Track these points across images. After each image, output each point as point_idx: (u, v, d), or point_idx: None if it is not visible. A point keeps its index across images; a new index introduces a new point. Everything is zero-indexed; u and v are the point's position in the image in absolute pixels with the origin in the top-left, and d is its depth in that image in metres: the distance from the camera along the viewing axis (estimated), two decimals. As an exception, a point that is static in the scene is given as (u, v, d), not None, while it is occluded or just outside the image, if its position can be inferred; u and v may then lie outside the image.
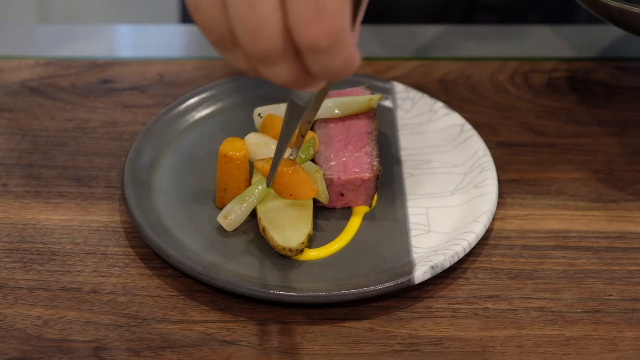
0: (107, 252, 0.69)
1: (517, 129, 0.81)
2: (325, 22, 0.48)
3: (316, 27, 0.48)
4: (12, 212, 0.71)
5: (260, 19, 0.49)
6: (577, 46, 0.91)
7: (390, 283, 0.64)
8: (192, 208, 0.71)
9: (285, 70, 0.51)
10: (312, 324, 0.64)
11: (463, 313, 0.65)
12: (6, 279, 0.66)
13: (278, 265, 0.67)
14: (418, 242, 0.69)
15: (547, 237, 0.71)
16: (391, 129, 0.79)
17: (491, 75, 0.87)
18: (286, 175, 0.66)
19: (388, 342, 0.63)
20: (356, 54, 0.50)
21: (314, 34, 0.48)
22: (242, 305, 0.65)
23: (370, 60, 0.88)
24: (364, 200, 0.71)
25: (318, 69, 0.50)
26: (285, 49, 0.50)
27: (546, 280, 0.68)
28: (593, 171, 0.77)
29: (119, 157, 0.76)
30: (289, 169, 0.66)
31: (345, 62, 0.50)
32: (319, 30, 0.48)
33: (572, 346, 0.63)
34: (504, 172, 0.76)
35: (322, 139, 0.73)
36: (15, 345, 0.62)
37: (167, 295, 0.66)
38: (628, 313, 0.66)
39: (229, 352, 0.62)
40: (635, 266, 0.69)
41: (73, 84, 0.84)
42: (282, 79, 0.51)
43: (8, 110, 0.81)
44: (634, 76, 0.87)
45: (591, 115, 0.83)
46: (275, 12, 0.48)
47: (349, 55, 0.50)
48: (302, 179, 0.67)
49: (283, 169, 0.66)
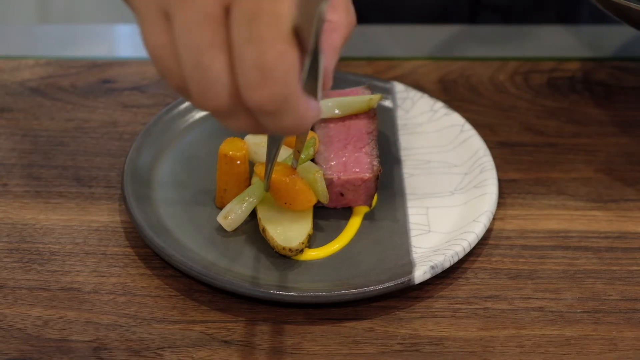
0: (107, 252, 0.69)
1: (517, 129, 0.81)
2: (270, 87, 0.48)
3: (262, 92, 0.48)
4: (12, 212, 0.71)
5: (209, 79, 0.49)
6: (577, 46, 0.91)
7: (390, 283, 0.64)
8: (192, 208, 0.71)
9: (239, 124, 0.52)
10: (312, 324, 0.64)
11: (463, 313, 0.65)
12: (6, 279, 0.66)
13: (278, 265, 0.67)
14: (418, 242, 0.69)
15: (547, 237, 0.71)
16: (391, 129, 0.79)
17: (491, 75, 0.87)
18: (283, 184, 0.66)
19: (388, 342, 0.63)
20: (308, 114, 0.50)
21: (259, 98, 0.49)
22: (242, 305, 0.65)
23: (370, 60, 0.88)
24: (364, 200, 0.71)
25: (268, 127, 0.51)
26: (236, 107, 0.50)
27: (546, 280, 0.68)
28: (593, 171, 0.77)
29: (119, 157, 0.76)
30: (286, 178, 0.66)
31: (295, 123, 0.50)
32: (265, 95, 0.48)
33: (572, 346, 0.63)
34: (504, 172, 0.76)
35: (322, 139, 0.73)
36: (15, 345, 0.62)
37: (167, 295, 0.66)
38: (628, 313, 0.66)
39: (229, 352, 0.62)
40: (635, 266, 0.69)
41: (73, 84, 0.84)
42: (238, 129, 0.52)
43: (8, 110, 0.81)
44: (634, 76, 0.87)
45: (591, 115, 0.83)
46: (224, 74, 0.49)
47: (298, 117, 0.50)
48: (299, 189, 0.67)
49: (281, 177, 0.66)
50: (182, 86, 0.51)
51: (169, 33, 0.50)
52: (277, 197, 0.67)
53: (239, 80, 0.49)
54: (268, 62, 0.47)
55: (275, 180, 0.66)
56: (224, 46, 0.48)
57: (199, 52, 0.49)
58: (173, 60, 0.50)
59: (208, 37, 0.48)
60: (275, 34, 0.47)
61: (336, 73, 0.81)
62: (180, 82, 0.51)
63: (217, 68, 0.49)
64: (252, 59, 0.48)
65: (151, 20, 0.50)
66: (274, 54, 0.47)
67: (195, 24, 0.48)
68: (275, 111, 0.49)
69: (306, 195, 0.67)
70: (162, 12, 0.50)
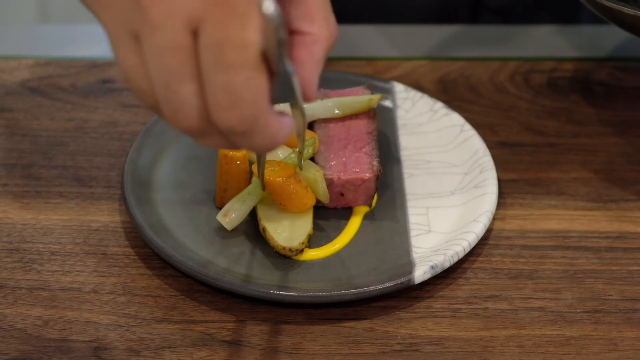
0: (107, 252, 0.69)
1: (517, 129, 0.81)
2: (239, 110, 0.49)
3: (231, 114, 0.49)
4: (12, 212, 0.71)
5: (179, 101, 0.50)
6: (577, 46, 0.91)
7: (390, 283, 0.64)
8: (192, 208, 0.71)
9: (213, 142, 0.53)
10: (312, 324, 0.64)
11: (463, 313, 0.65)
12: (6, 279, 0.66)
13: (278, 265, 0.67)
14: (418, 242, 0.69)
15: (547, 237, 0.71)
16: (391, 129, 0.79)
17: (491, 75, 0.87)
18: (277, 185, 0.66)
19: (388, 342, 0.63)
20: (279, 132, 0.51)
21: (229, 120, 0.49)
22: (242, 305, 0.65)
23: (370, 60, 0.88)
24: (364, 200, 0.71)
25: (241, 145, 0.52)
26: (208, 127, 0.51)
27: (546, 280, 0.68)
28: (593, 171, 0.77)
29: (119, 157, 0.76)
30: (281, 179, 0.66)
31: (266, 141, 0.51)
32: (234, 116, 0.49)
33: (572, 346, 0.63)
34: (504, 172, 0.76)
35: (322, 139, 0.73)
36: (15, 345, 0.62)
37: (167, 295, 0.66)
38: (628, 313, 0.66)
39: (229, 352, 0.62)
40: (635, 266, 0.69)
41: (73, 84, 0.84)
42: (212, 147, 0.53)
43: (8, 110, 0.81)
44: (634, 76, 0.87)
45: (591, 115, 0.83)
46: (194, 97, 0.50)
47: (269, 136, 0.51)
48: (293, 191, 0.67)
49: (275, 178, 0.66)
50: (155, 106, 0.52)
51: (139, 54, 0.50)
52: (273, 197, 0.67)
53: (209, 103, 0.49)
54: (236, 86, 0.48)
55: (270, 181, 0.66)
56: (193, 70, 0.49)
57: (168, 76, 0.49)
58: (145, 81, 0.51)
59: (176, 63, 0.49)
60: (243, 60, 0.48)
61: (336, 73, 0.82)
62: (153, 102, 0.51)
63: (186, 92, 0.49)
64: (221, 83, 0.48)
65: (121, 41, 0.51)
66: (242, 79, 0.48)
67: (163, 50, 0.48)
68: (246, 132, 0.50)
69: (301, 198, 0.67)
70: (131, 33, 0.50)
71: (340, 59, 0.88)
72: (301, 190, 0.67)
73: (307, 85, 0.54)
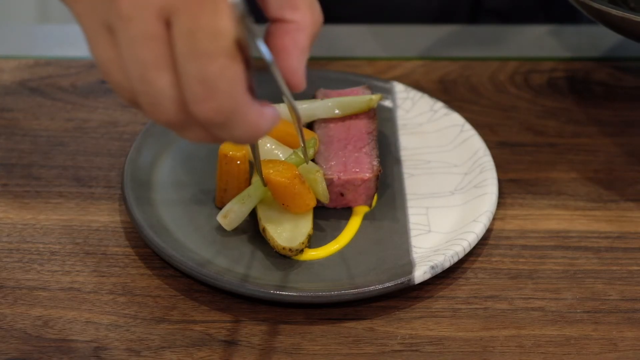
0: (107, 252, 0.69)
1: (517, 129, 0.81)
2: (216, 100, 0.48)
3: (208, 105, 0.49)
4: (12, 212, 0.71)
5: (155, 94, 0.49)
6: (577, 46, 0.91)
7: (390, 283, 0.64)
8: (192, 208, 0.71)
9: (194, 135, 0.52)
10: (312, 324, 0.64)
11: (463, 313, 0.65)
12: (6, 279, 0.66)
13: (278, 265, 0.67)
14: (418, 242, 0.69)
15: (547, 237, 0.71)
16: (391, 129, 0.79)
17: (491, 75, 0.87)
18: (282, 185, 0.66)
19: (388, 342, 0.63)
20: (261, 122, 0.50)
21: (206, 111, 0.49)
22: (242, 305, 0.65)
23: (370, 60, 0.88)
24: (364, 200, 0.71)
25: (222, 137, 0.51)
26: (187, 120, 0.50)
27: (546, 280, 0.68)
28: (593, 171, 0.77)
29: (119, 157, 0.76)
30: (286, 179, 0.66)
31: (247, 133, 0.50)
32: (211, 107, 0.49)
33: (572, 346, 0.63)
34: (504, 172, 0.76)
35: (322, 139, 0.73)
36: (15, 345, 0.62)
37: (167, 295, 0.66)
38: (628, 313, 0.66)
39: (229, 352, 0.62)
40: (635, 266, 0.69)
41: (73, 84, 0.84)
42: (194, 140, 0.53)
43: (8, 110, 0.81)
44: (634, 76, 0.87)
45: (591, 115, 0.83)
46: (171, 88, 0.49)
47: (249, 127, 0.50)
48: (298, 192, 0.67)
49: (280, 179, 0.66)
50: (133, 100, 0.51)
51: (115, 48, 0.50)
52: (276, 197, 0.67)
53: (185, 94, 0.49)
54: (211, 75, 0.48)
55: (275, 181, 0.66)
56: (168, 61, 0.49)
57: (144, 68, 0.49)
58: (121, 75, 0.50)
59: (151, 54, 0.48)
60: (216, 48, 0.47)
61: (336, 73, 0.82)
62: (131, 96, 0.51)
63: (162, 83, 0.49)
64: (196, 73, 0.48)
65: (96, 34, 0.50)
66: (216, 68, 0.48)
67: (137, 41, 0.48)
68: (224, 123, 0.49)
69: (304, 199, 0.67)
70: (105, 26, 0.50)
71: (340, 59, 0.88)
72: (304, 191, 0.67)
73: (292, 75, 0.53)
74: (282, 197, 0.67)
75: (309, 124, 0.75)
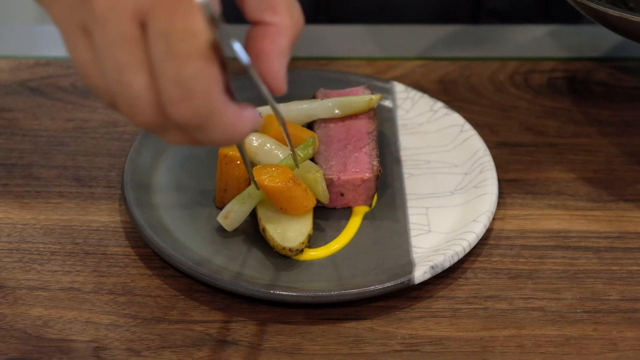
0: (107, 252, 0.69)
1: (517, 129, 0.81)
2: (191, 102, 0.48)
3: (184, 106, 0.48)
4: (12, 212, 0.71)
5: (132, 96, 0.49)
6: (577, 46, 0.91)
7: (390, 283, 0.64)
8: (192, 208, 0.71)
9: (173, 138, 0.52)
10: (312, 324, 0.64)
11: (463, 313, 0.65)
12: (6, 279, 0.66)
13: (278, 265, 0.67)
14: (418, 242, 0.69)
15: (547, 237, 0.71)
16: (391, 129, 0.79)
17: (491, 75, 0.87)
18: (277, 190, 0.66)
19: (388, 342, 0.63)
20: (239, 124, 0.50)
21: (182, 113, 0.49)
22: (242, 305, 0.65)
23: (370, 60, 0.88)
24: (364, 200, 0.71)
25: (201, 140, 0.51)
26: (165, 122, 0.50)
27: (546, 280, 0.68)
28: (593, 171, 0.77)
29: (119, 157, 0.76)
30: (280, 184, 0.66)
31: (225, 135, 0.50)
32: (187, 109, 0.48)
33: (572, 346, 0.63)
34: (504, 172, 0.76)
35: (322, 139, 0.73)
36: (15, 345, 0.62)
37: (167, 295, 0.66)
38: (628, 313, 0.66)
39: (229, 352, 0.62)
40: (635, 266, 0.69)
41: (73, 84, 0.84)
42: (174, 143, 0.52)
43: (8, 110, 0.81)
44: (634, 76, 0.87)
45: (591, 115, 0.83)
46: (147, 90, 0.49)
47: (226, 129, 0.50)
48: (294, 195, 0.67)
49: (275, 184, 0.66)
50: (112, 102, 0.51)
51: (92, 49, 0.50)
52: (273, 202, 0.67)
53: (162, 96, 0.49)
54: (186, 77, 0.47)
55: (269, 187, 0.66)
56: (144, 63, 0.48)
57: (120, 70, 0.48)
58: (99, 77, 0.50)
59: (127, 55, 0.48)
60: (191, 50, 0.47)
61: (336, 73, 0.82)
62: (110, 98, 0.51)
63: (138, 85, 0.49)
64: (171, 74, 0.48)
65: (73, 37, 0.50)
66: (191, 69, 0.47)
67: (112, 43, 0.48)
68: (201, 125, 0.49)
69: (301, 202, 0.67)
70: (81, 28, 0.49)
71: (340, 59, 0.88)
72: (301, 193, 0.67)
73: (273, 78, 0.53)
74: (278, 201, 0.67)
75: (309, 124, 0.75)
